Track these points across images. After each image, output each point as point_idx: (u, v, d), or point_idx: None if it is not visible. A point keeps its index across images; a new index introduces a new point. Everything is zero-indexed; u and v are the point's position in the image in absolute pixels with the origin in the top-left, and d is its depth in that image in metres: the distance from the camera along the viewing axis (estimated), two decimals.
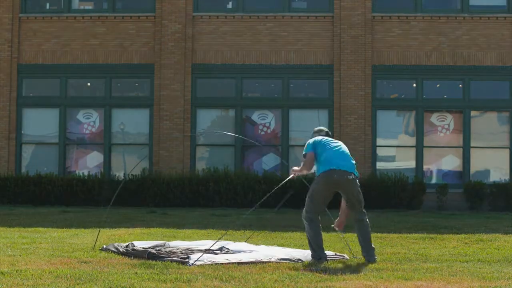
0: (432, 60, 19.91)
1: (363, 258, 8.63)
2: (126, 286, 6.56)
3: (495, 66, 19.90)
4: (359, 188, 8.76)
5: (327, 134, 9.17)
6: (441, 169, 20.04)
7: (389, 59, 19.96)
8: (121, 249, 8.97)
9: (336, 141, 9.17)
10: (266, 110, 20.24)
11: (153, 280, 6.90)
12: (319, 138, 8.98)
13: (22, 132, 20.41)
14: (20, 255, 8.61)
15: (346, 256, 8.85)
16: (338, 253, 9.03)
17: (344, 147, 9.11)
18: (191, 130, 19.69)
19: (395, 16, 20.10)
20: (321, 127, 9.33)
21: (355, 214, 8.76)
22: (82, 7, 21.14)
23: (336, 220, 9.03)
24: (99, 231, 10.43)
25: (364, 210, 8.77)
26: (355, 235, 11.78)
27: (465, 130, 19.91)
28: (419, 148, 19.87)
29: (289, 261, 8.28)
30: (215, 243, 8.77)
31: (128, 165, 20.10)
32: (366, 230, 8.69)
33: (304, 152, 8.84)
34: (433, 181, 19.74)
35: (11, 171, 19.93)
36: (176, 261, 8.09)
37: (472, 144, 19.88)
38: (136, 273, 7.29)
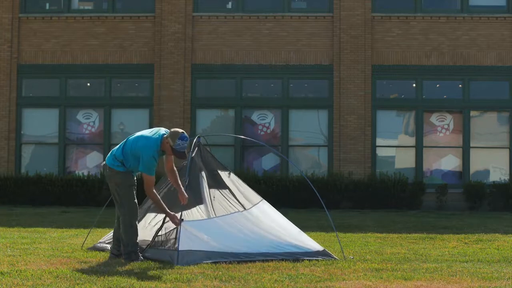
0: (432, 60, 19.91)
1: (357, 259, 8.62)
2: (126, 286, 6.56)
3: (495, 66, 19.89)
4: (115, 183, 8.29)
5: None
6: (441, 169, 20.04)
7: (389, 59, 19.96)
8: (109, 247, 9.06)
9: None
10: (266, 110, 20.24)
11: (153, 280, 6.90)
12: None
13: (22, 132, 20.41)
14: (20, 255, 8.62)
15: (335, 256, 8.67)
16: (327, 251, 8.77)
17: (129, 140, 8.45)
18: (191, 132, 19.69)
19: (395, 16, 20.10)
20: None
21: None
22: (82, 7, 21.13)
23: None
24: (90, 231, 10.43)
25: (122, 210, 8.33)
26: (354, 236, 11.79)
27: (465, 130, 19.91)
28: (419, 148, 19.87)
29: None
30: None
31: None
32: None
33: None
34: (433, 181, 19.73)
35: (11, 171, 19.93)
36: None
37: (472, 144, 19.88)
38: (136, 273, 7.29)
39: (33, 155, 20.45)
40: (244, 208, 8.72)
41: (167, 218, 8.37)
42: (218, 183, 8.93)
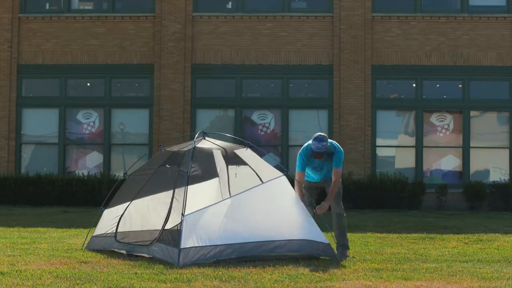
0: (432, 60, 19.91)
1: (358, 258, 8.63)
2: (126, 286, 6.56)
3: (495, 66, 19.89)
4: None
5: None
6: (441, 169, 20.04)
7: (389, 59, 19.96)
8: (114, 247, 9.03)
9: None
10: (266, 110, 20.23)
11: (153, 280, 6.90)
12: None
13: (22, 132, 20.40)
14: (20, 255, 8.62)
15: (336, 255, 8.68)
16: (331, 246, 8.75)
17: None
18: (190, 131, 19.69)
19: (395, 16, 20.10)
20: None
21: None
22: (82, 7, 21.13)
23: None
24: (89, 230, 10.43)
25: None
26: (354, 235, 11.78)
27: (465, 130, 19.91)
28: (419, 148, 19.86)
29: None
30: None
31: (128, 165, 20.08)
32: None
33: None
34: (433, 181, 19.73)
35: (11, 171, 19.93)
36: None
37: (472, 144, 19.87)
38: (136, 273, 7.29)
39: (33, 155, 20.45)
40: (262, 182, 8.62)
41: (172, 212, 8.33)
42: (236, 160, 8.88)
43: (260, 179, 8.65)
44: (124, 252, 8.80)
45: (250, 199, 8.45)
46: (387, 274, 7.43)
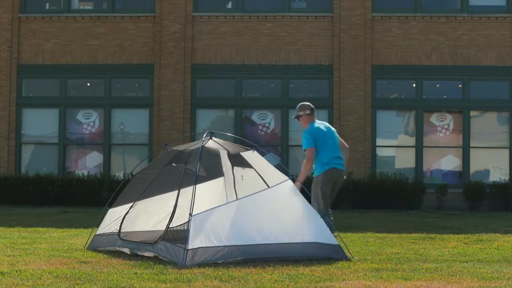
0: (432, 60, 19.91)
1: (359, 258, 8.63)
2: (126, 286, 6.56)
3: (495, 66, 19.89)
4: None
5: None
6: (441, 169, 20.04)
7: (389, 59, 19.96)
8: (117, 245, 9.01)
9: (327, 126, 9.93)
10: (266, 110, 20.24)
11: (153, 280, 6.90)
12: (317, 124, 9.77)
13: (22, 132, 20.41)
14: (20, 255, 8.62)
15: (347, 254, 8.70)
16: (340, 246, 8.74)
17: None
18: (190, 131, 19.70)
19: (395, 16, 20.10)
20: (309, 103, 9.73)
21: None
22: (82, 7, 21.13)
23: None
24: (92, 230, 10.42)
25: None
26: (354, 235, 11.80)
27: (465, 130, 19.91)
28: (419, 148, 19.87)
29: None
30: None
31: (128, 165, 20.08)
32: None
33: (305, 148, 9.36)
34: (433, 181, 19.73)
35: (11, 171, 19.93)
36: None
37: (471, 144, 19.88)
38: (136, 273, 7.29)
39: (33, 155, 20.45)
40: (268, 186, 8.59)
41: (177, 211, 8.30)
42: (242, 163, 8.87)
43: (266, 184, 8.65)
44: (127, 250, 8.77)
45: (258, 203, 8.41)
46: (387, 274, 7.42)
